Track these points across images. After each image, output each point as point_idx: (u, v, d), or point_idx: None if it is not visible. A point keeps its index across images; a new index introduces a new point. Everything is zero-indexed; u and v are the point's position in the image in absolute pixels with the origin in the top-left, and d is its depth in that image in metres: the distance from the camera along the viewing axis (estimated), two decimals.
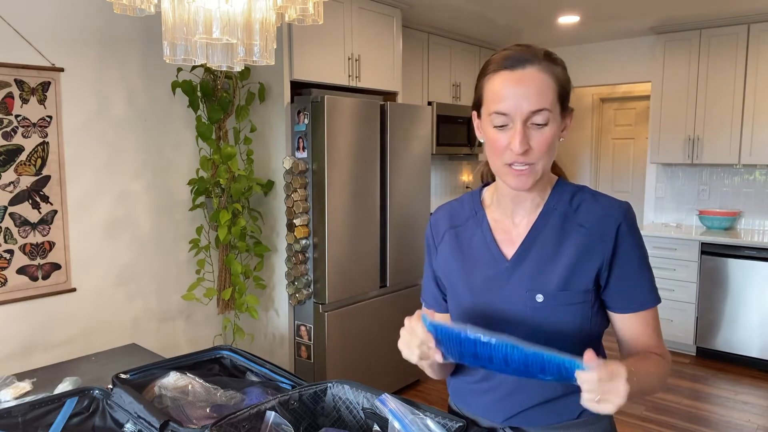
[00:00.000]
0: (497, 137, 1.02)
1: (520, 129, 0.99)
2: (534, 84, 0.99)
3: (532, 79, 1.00)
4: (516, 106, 0.99)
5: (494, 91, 1.02)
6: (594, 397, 0.86)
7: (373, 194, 3.36)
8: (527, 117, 0.99)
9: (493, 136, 1.03)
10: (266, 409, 1.12)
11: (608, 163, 6.01)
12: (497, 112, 1.01)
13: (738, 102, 4.19)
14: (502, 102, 1.00)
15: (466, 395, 1.19)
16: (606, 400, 0.86)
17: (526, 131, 0.99)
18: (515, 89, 0.99)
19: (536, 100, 0.99)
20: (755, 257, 3.94)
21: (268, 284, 3.39)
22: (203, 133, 3.01)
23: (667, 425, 3.24)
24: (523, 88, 0.99)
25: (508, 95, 0.99)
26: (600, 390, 0.85)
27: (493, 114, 1.02)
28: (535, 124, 1.00)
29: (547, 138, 1.00)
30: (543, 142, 1.00)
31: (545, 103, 0.99)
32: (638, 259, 1.07)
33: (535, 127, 1.00)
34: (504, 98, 1.00)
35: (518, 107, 0.99)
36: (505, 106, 1.00)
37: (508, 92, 1.00)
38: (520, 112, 0.99)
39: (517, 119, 0.99)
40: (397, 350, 3.62)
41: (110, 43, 2.82)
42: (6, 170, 2.51)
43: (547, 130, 1.00)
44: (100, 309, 2.87)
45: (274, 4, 1.61)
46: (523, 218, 1.12)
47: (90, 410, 1.29)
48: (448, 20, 4.20)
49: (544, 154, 1.01)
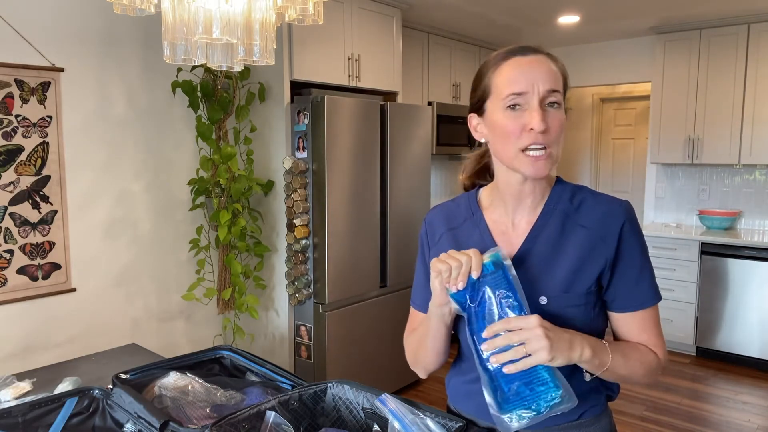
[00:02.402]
0: (511, 121, 1.01)
1: (538, 107, 0.99)
2: (546, 66, 1.02)
3: (545, 62, 1.02)
4: (533, 84, 0.99)
5: (506, 76, 1.02)
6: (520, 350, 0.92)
7: (373, 194, 3.36)
8: (544, 96, 1.00)
9: (505, 121, 1.01)
10: (266, 409, 1.12)
11: (608, 163, 6.01)
12: (513, 92, 1.00)
13: (738, 102, 4.19)
14: (518, 82, 1.00)
15: (464, 396, 1.18)
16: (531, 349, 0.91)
17: (543, 111, 1.00)
18: (531, 69, 1.00)
19: (551, 80, 1.00)
20: (755, 257, 3.94)
21: (268, 284, 3.39)
22: (203, 133, 3.01)
23: (667, 425, 3.24)
24: (538, 69, 1.00)
25: (524, 76, 1.00)
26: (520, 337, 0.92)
27: (509, 96, 1.00)
28: (550, 104, 1.00)
29: (561, 120, 1.01)
30: (558, 124, 1.01)
31: (557, 85, 1.01)
32: (640, 259, 1.07)
33: (550, 108, 1.00)
34: (518, 79, 1.00)
35: (535, 86, 0.99)
36: (521, 86, 1.00)
37: (523, 73, 1.00)
38: (537, 91, 0.99)
39: (534, 98, 0.99)
40: (396, 350, 3.61)
41: (110, 43, 2.82)
42: (6, 170, 2.51)
43: (561, 112, 1.02)
44: (100, 309, 2.87)
45: (274, 4, 1.61)
46: (522, 218, 1.10)
47: (90, 410, 1.29)
48: (448, 20, 4.20)
49: (559, 137, 1.02)
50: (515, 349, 0.92)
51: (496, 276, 0.97)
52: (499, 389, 0.95)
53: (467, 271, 0.97)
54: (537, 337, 0.91)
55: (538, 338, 0.91)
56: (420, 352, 1.17)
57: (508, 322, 0.93)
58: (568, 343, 0.94)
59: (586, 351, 0.96)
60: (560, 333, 0.94)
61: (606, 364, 0.99)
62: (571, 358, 0.94)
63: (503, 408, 0.94)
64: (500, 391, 0.95)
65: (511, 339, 0.92)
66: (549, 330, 0.92)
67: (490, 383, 0.96)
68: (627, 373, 1.03)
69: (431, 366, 1.18)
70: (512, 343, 0.92)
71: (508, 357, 0.92)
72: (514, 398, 0.93)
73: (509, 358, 0.92)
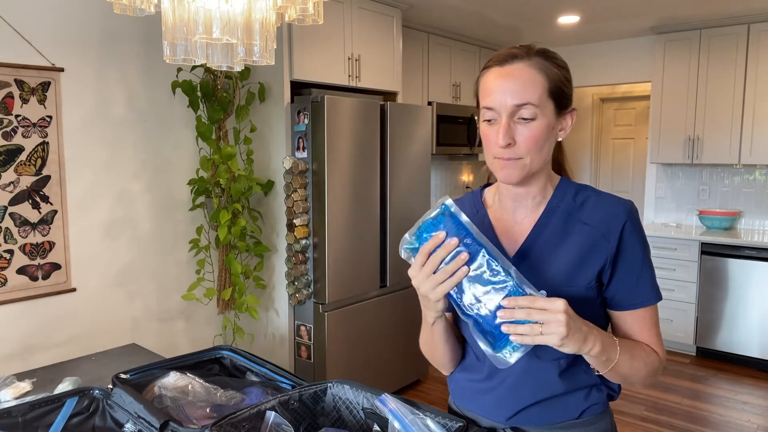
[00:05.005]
0: (487, 132, 1.05)
1: (505, 123, 1.01)
2: (520, 78, 1.01)
3: (519, 73, 1.01)
4: (501, 99, 1.01)
5: (485, 87, 1.04)
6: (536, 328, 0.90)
7: (373, 194, 3.36)
8: (512, 111, 1.00)
9: (484, 131, 1.06)
10: (266, 409, 1.12)
11: (608, 163, 6.01)
12: (485, 106, 1.03)
13: (738, 102, 4.19)
14: (489, 96, 1.02)
15: (468, 394, 1.19)
16: (548, 331, 0.90)
17: (512, 125, 1.01)
18: (502, 83, 1.01)
19: (521, 95, 1.00)
20: (755, 257, 3.94)
21: (268, 284, 3.39)
22: (203, 133, 3.01)
23: (667, 425, 3.24)
24: (510, 82, 1.01)
25: (495, 90, 1.01)
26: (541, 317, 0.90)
27: (483, 109, 1.04)
28: (521, 118, 1.01)
29: (534, 133, 1.01)
30: (529, 137, 1.01)
31: (530, 98, 1.00)
32: (641, 258, 1.07)
33: (521, 122, 1.01)
34: (491, 93, 1.02)
35: (503, 101, 1.01)
36: (491, 101, 1.02)
37: (495, 87, 1.02)
38: (504, 106, 1.01)
39: (502, 113, 1.01)
40: (397, 350, 3.60)
41: (110, 43, 2.82)
42: (6, 170, 2.51)
43: (535, 125, 1.01)
44: (100, 309, 2.87)
45: (274, 4, 1.61)
46: (525, 217, 1.12)
47: (90, 410, 1.29)
48: (448, 20, 4.20)
49: (531, 149, 1.02)
50: (531, 326, 0.91)
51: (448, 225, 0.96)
52: (487, 332, 0.95)
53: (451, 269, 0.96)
54: (557, 322, 0.90)
55: (558, 324, 0.90)
56: (436, 355, 1.18)
57: (534, 300, 0.91)
58: (583, 336, 0.94)
59: (596, 347, 0.96)
60: (579, 324, 0.93)
61: (613, 362, 0.99)
62: (581, 350, 0.94)
63: (497, 347, 0.95)
64: (488, 333, 0.95)
65: (532, 316, 0.91)
66: (571, 318, 0.91)
67: (477, 327, 0.96)
68: (630, 373, 1.04)
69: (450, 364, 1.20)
70: (531, 319, 0.91)
71: (523, 331, 0.91)
72: (503, 335, 0.94)
73: (523, 333, 0.91)
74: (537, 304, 0.91)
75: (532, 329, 0.91)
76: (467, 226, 0.95)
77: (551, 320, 0.90)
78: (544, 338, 0.90)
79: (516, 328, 0.92)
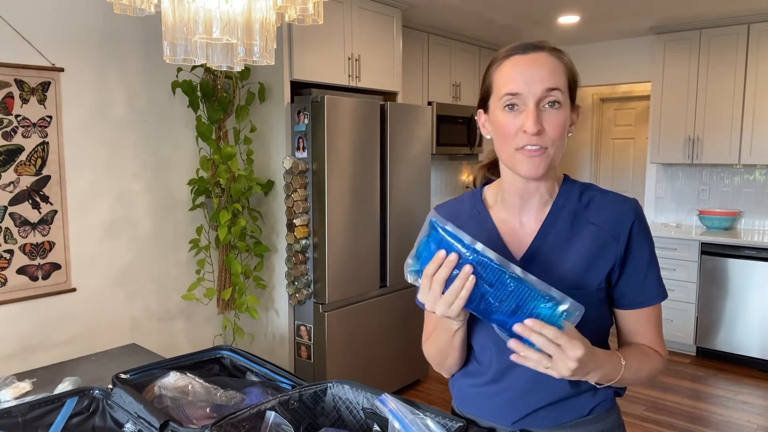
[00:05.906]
0: (508, 121, 1.00)
1: (533, 108, 0.97)
2: (546, 65, 0.99)
3: (545, 60, 1.00)
4: (529, 85, 0.98)
5: (506, 74, 1.01)
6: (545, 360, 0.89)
7: (373, 194, 3.36)
8: (540, 96, 0.98)
9: (503, 121, 1.00)
10: (266, 409, 1.12)
11: (608, 163, 6.01)
12: (509, 92, 0.99)
13: (738, 102, 4.19)
14: (513, 83, 0.99)
15: (474, 399, 1.16)
16: (553, 366, 0.89)
17: (539, 112, 0.98)
18: (528, 69, 0.99)
19: (549, 79, 0.98)
20: (755, 257, 3.94)
21: (268, 284, 3.39)
22: (203, 133, 3.01)
23: (667, 425, 3.24)
24: (536, 68, 0.99)
25: (521, 75, 0.99)
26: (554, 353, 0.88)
27: (505, 96, 1.00)
28: (548, 104, 0.98)
29: (559, 120, 0.99)
30: (556, 124, 0.98)
31: (558, 83, 0.99)
32: (649, 256, 1.07)
33: (547, 109, 0.98)
34: (516, 79, 0.99)
35: (531, 86, 0.98)
36: (517, 86, 0.98)
37: (520, 73, 0.99)
38: (533, 92, 0.98)
39: (529, 99, 0.98)
40: (397, 350, 3.60)
41: (110, 43, 2.82)
42: (6, 170, 2.51)
43: (561, 112, 0.99)
44: (100, 309, 2.87)
45: (274, 4, 1.61)
46: (531, 217, 1.09)
47: (90, 410, 1.29)
48: (448, 20, 4.20)
49: (557, 138, 0.99)
50: (540, 357, 0.89)
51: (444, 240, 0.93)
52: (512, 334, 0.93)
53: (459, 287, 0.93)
54: (566, 367, 0.89)
55: (566, 368, 0.89)
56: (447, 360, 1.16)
57: (559, 336, 0.88)
58: (585, 372, 0.93)
59: (596, 377, 0.97)
60: (585, 362, 0.91)
61: (614, 380, 1.01)
62: (580, 378, 0.96)
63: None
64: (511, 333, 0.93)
65: (547, 348, 0.89)
66: (581, 366, 0.90)
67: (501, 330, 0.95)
68: (633, 381, 1.06)
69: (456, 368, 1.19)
70: (544, 349, 0.89)
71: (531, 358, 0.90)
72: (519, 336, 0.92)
73: (530, 359, 0.90)
74: (560, 340, 0.89)
75: (540, 361, 0.90)
76: (460, 236, 0.92)
77: (562, 360, 0.89)
78: (546, 370, 0.91)
79: (526, 352, 0.90)
